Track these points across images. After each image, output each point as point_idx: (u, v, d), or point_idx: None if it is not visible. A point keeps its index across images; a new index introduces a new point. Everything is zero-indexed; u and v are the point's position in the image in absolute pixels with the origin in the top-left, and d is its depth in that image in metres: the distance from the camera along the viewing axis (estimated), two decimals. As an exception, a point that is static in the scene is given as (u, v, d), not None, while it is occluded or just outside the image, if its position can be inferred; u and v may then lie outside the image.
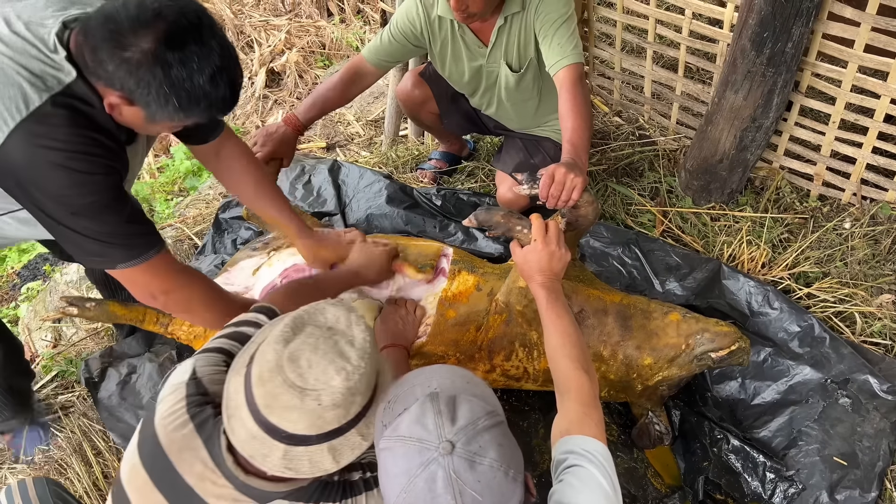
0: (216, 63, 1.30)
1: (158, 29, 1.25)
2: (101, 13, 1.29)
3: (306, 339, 1.10)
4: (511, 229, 1.81)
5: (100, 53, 1.28)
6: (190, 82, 1.29)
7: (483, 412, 1.08)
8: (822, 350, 2.16)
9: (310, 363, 1.08)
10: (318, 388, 1.06)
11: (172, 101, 1.30)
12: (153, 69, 1.26)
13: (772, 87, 2.33)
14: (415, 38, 2.26)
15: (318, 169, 2.83)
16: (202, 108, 1.34)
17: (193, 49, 1.27)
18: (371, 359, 1.13)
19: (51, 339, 3.05)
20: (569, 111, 1.93)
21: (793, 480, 1.98)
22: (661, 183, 2.80)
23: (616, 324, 1.99)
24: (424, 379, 1.16)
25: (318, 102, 2.28)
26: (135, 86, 1.28)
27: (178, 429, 1.21)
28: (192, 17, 1.28)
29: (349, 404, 1.09)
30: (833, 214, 2.63)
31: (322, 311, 1.16)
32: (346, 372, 1.08)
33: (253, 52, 5.59)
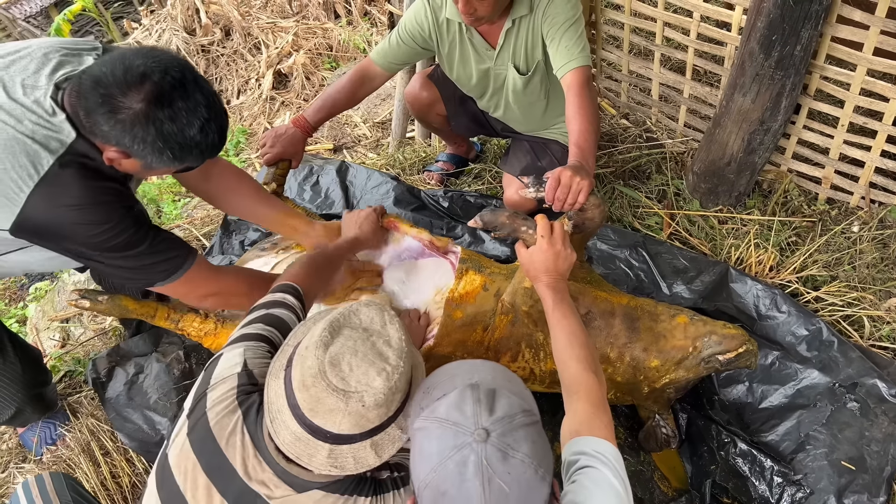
0: (203, 115, 1.40)
1: (146, 89, 1.34)
2: (91, 77, 1.37)
3: (345, 342, 1.15)
4: (516, 230, 1.81)
5: (94, 116, 1.37)
6: (181, 135, 1.39)
7: (520, 409, 1.09)
8: (830, 354, 2.15)
9: (351, 366, 1.13)
10: (361, 390, 1.12)
11: (167, 153, 1.40)
12: (146, 127, 1.36)
13: (780, 90, 2.32)
14: (423, 40, 2.26)
15: (325, 170, 2.84)
16: (195, 155, 1.45)
17: (180, 105, 1.37)
18: (408, 355, 1.18)
19: (59, 339, 3.07)
20: (575, 114, 1.93)
21: (800, 485, 1.98)
22: (669, 186, 2.80)
23: (623, 326, 1.99)
24: (466, 371, 1.18)
25: (327, 104, 2.29)
26: (130, 143, 1.38)
27: (228, 415, 1.26)
28: (176, 73, 1.37)
29: (390, 402, 1.15)
30: (841, 218, 2.63)
31: (357, 313, 1.20)
32: (386, 373, 1.14)
33: (260, 53, 5.61)
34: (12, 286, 3.99)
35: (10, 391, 2.05)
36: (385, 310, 1.22)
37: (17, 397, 2.08)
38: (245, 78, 5.60)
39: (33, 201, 1.40)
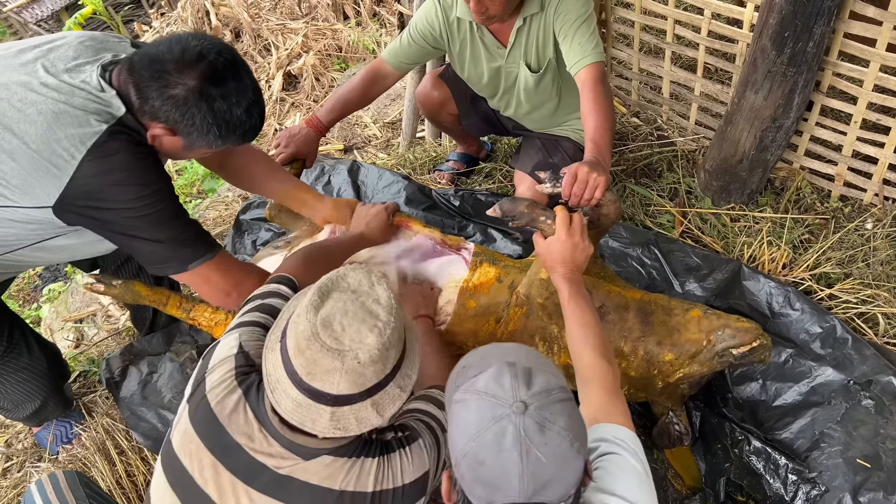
0: (250, 97, 1.49)
1: (202, 68, 1.42)
2: (146, 55, 1.45)
3: (335, 304, 1.17)
4: (535, 220, 1.82)
5: (146, 91, 1.45)
6: (230, 113, 1.47)
7: (557, 385, 1.10)
8: (844, 351, 2.14)
9: (343, 326, 1.14)
10: (355, 347, 1.13)
11: (214, 131, 1.48)
12: (199, 103, 1.44)
13: (792, 86, 2.32)
14: (434, 39, 2.27)
15: (337, 169, 2.85)
16: (237, 135, 1.53)
17: (232, 85, 1.45)
18: (398, 313, 1.19)
19: (73, 340, 3.09)
20: (591, 110, 1.93)
21: (815, 482, 1.97)
22: (680, 184, 2.79)
23: (637, 319, 1.98)
24: (501, 352, 1.18)
25: (339, 104, 2.31)
26: (180, 118, 1.45)
27: (229, 395, 1.28)
28: (228, 56, 1.46)
29: (385, 359, 1.16)
30: (855, 215, 2.61)
31: (344, 277, 1.22)
32: (378, 329, 1.15)
33: (270, 55, 5.63)
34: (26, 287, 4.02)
35: (38, 384, 2.13)
36: (371, 272, 1.24)
37: (42, 390, 2.15)
38: (255, 79, 5.60)
39: (83, 168, 1.44)
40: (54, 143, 1.43)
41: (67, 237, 1.66)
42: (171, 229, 1.56)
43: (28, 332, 2.09)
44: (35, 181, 1.45)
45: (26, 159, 1.44)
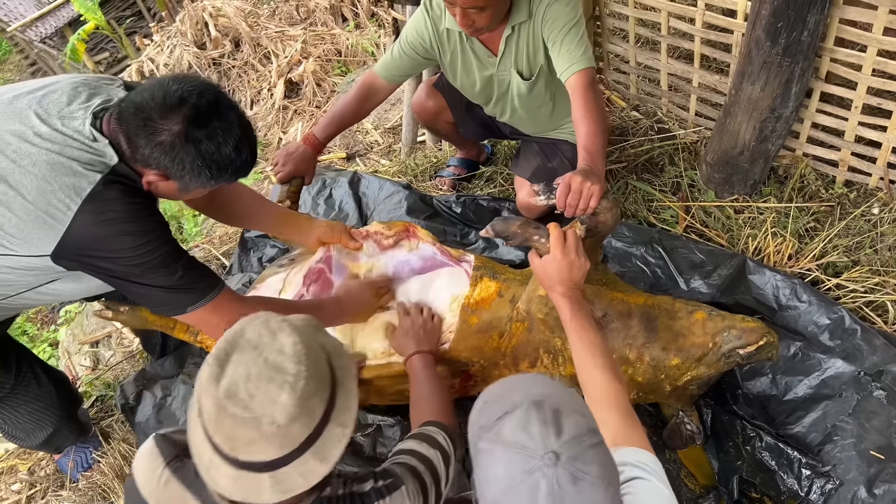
0: (237, 134, 1.48)
1: (184, 112, 1.43)
2: (131, 104, 1.46)
3: (236, 368, 1.08)
4: (528, 239, 1.81)
5: (135, 140, 1.46)
6: (218, 153, 1.47)
7: (587, 429, 1.06)
8: (853, 342, 2.12)
9: (249, 392, 1.06)
10: (269, 411, 1.05)
11: (205, 172, 1.49)
12: (186, 147, 1.44)
13: (789, 76, 2.29)
14: (424, 51, 2.27)
15: (338, 182, 2.86)
16: (230, 173, 1.53)
17: (217, 125, 1.45)
18: (310, 356, 1.11)
19: (89, 363, 3.14)
20: (582, 117, 1.92)
21: (829, 476, 1.96)
22: (683, 177, 2.78)
23: (641, 326, 1.98)
24: (524, 385, 1.14)
25: (335, 120, 2.32)
26: (170, 163, 1.46)
27: (165, 486, 1.23)
28: (210, 96, 1.46)
29: (309, 409, 1.09)
30: (861, 200, 2.58)
31: (242, 334, 1.13)
32: (288, 384, 1.07)
33: (270, 63, 5.65)
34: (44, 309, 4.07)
35: (48, 413, 2.16)
36: (271, 318, 1.15)
37: (53, 418, 2.19)
38: (257, 88, 5.64)
39: (79, 219, 1.46)
40: (50, 194, 1.45)
41: (67, 281, 1.69)
42: (169, 275, 1.57)
43: (35, 362, 2.13)
44: (32, 232, 1.47)
45: (23, 210, 1.46)
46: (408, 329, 1.97)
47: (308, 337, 1.15)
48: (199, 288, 1.63)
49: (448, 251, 2.17)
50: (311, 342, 1.15)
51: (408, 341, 1.93)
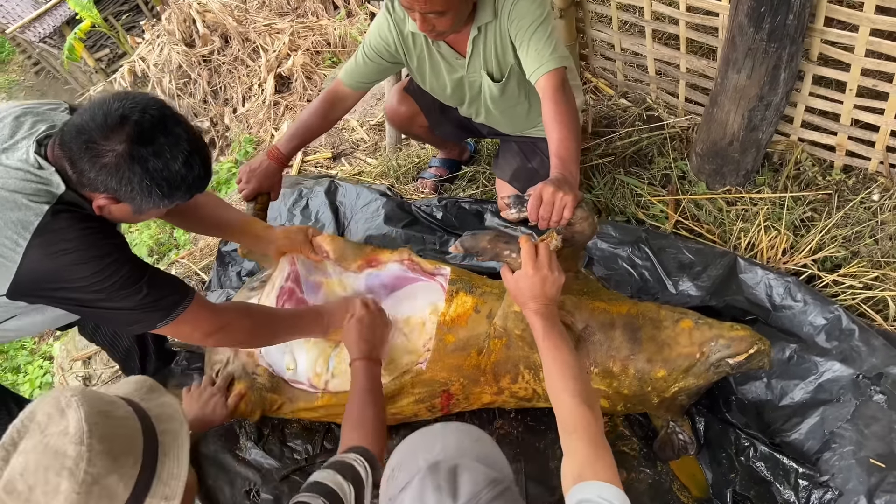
0: (186, 148, 1.42)
1: (127, 130, 1.36)
2: (73, 127, 1.39)
3: (17, 460, 1.01)
4: (499, 255, 1.73)
5: (79, 164, 1.39)
6: (167, 170, 1.40)
7: (485, 482, 1.02)
8: (851, 343, 2.01)
9: (28, 484, 0.99)
10: (51, 501, 0.98)
11: (156, 191, 1.42)
12: (132, 167, 1.37)
13: (776, 62, 2.16)
14: (390, 55, 2.16)
15: (315, 192, 2.77)
16: (183, 190, 1.46)
17: (163, 141, 1.39)
18: (97, 433, 1.03)
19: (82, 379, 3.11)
20: (553, 121, 1.81)
21: (828, 486, 1.86)
22: (672, 169, 2.66)
23: (624, 337, 1.89)
24: (429, 441, 1.12)
25: (300, 132, 2.23)
26: (118, 185, 1.39)
27: None
28: (154, 112, 1.39)
29: (101, 491, 1.01)
30: (859, 187, 2.46)
31: (32, 416, 1.06)
32: (67, 469, 0.99)
33: (259, 58, 5.54)
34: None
35: None
36: (62, 394, 1.06)
37: None
38: (248, 84, 5.55)
39: (30, 254, 1.41)
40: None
41: (29, 315, 1.64)
42: (133, 295, 1.52)
43: (8, 398, 2.08)
44: None
45: None
46: (359, 329, 1.90)
47: (105, 409, 1.06)
48: (166, 304, 1.58)
49: (420, 265, 2.09)
50: (113, 413, 1.07)
51: (356, 343, 1.86)
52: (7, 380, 3.78)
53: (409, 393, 1.99)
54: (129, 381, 1.22)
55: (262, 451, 2.18)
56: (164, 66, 5.76)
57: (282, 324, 1.89)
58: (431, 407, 2.04)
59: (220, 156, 5.50)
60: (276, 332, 1.88)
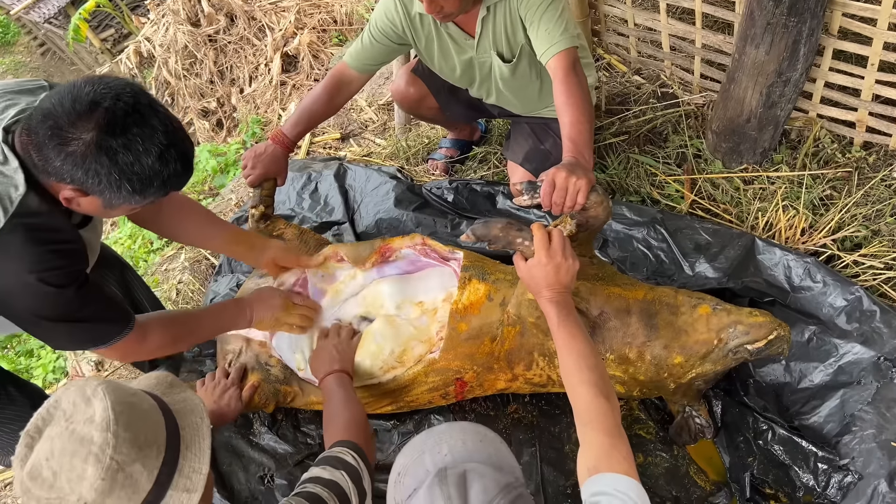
0: (161, 141, 1.31)
1: (97, 117, 1.25)
2: (40, 111, 1.29)
3: (42, 446, 1.01)
4: (511, 242, 1.69)
5: (45, 151, 1.29)
6: (139, 164, 1.30)
7: (497, 489, 1.00)
8: (872, 325, 1.97)
9: (53, 470, 0.99)
10: (76, 488, 0.98)
11: (125, 186, 1.31)
12: (99, 158, 1.27)
13: (796, 37, 2.10)
14: (397, 37, 2.11)
15: (324, 175, 2.74)
16: (156, 186, 1.35)
17: (135, 132, 1.28)
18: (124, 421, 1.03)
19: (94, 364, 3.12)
20: (564, 104, 1.77)
21: (848, 470, 1.84)
22: (688, 147, 2.60)
23: (641, 323, 1.86)
24: (434, 443, 1.09)
25: (305, 117, 2.18)
26: (84, 177, 1.29)
27: None
28: (128, 99, 1.28)
29: (125, 479, 1.01)
30: (880, 164, 2.40)
31: (57, 405, 1.06)
32: (94, 455, 1.00)
33: (266, 37, 5.48)
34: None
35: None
36: (88, 384, 1.07)
37: None
38: (255, 64, 5.49)
39: None
40: None
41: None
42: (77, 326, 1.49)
43: (7, 382, 2.05)
44: None
45: None
46: (321, 350, 1.94)
47: (130, 399, 1.07)
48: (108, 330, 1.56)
49: (434, 249, 2.06)
50: (138, 404, 1.07)
51: (322, 363, 1.89)
52: (21, 364, 3.79)
53: (423, 382, 1.97)
54: (149, 376, 1.21)
55: (276, 437, 2.18)
56: (170, 46, 5.71)
57: (200, 325, 1.85)
58: (445, 394, 2.03)
59: (227, 137, 5.47)
60: (198, 335, 1.86)
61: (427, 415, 2.16)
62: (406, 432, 2.16)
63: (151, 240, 3.73)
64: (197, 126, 5.66)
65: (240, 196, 3.44)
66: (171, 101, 5.92)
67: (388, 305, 2.01)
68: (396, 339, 1.96)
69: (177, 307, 2.72)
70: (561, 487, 1.99)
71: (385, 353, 1.96)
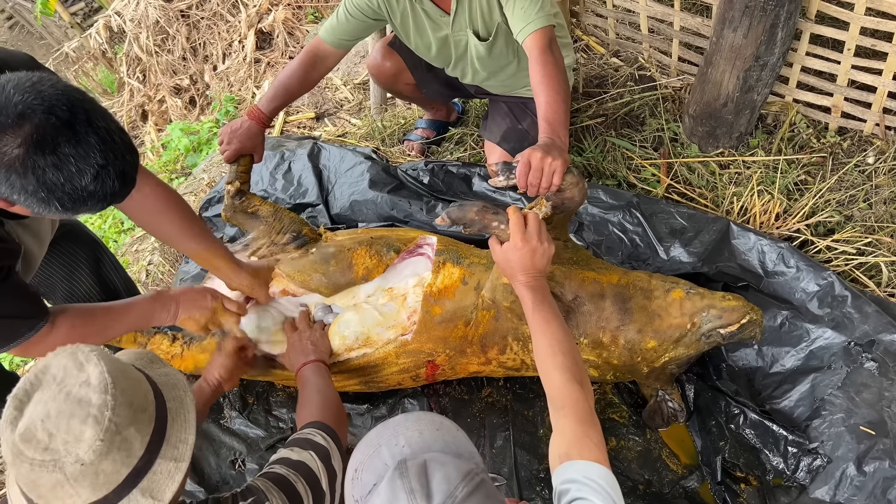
0: (97, 161, 1.18)
1: (24, 132, 1.12)
2: None
3: (35, 408, 0.99)
4: (487, 226, 1.68)
5: None
6: (69, 185, 1.18)
7: (459, 477, 0.98)
8: (843, 310, 1.99)
9: (49, 432, 0.97)
10: (72, 449, 0.96)
11: (54, 204, 1.20)
12: (25, 176, 1.15)
13: (774, 21, 2.09)
14: (372, 12, 2.07)
15: (297, 155, 2.69)
16: (90, 205, 1.24)
17: (67, 151, 1.15)
18: (120, 385, 1.02)
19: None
20: (540, 83, 1.74)
21: (817, 453, 1.86)
22: (664, 131, 2.59)
23: (615, 308, 1.85)
24: (390, 435, 1.07)
25: (280, 92, 2.13)
26: (9, 191, 1.18)
27: None
28: (62, 113, 1.14)
29: (122, 442, 1.00)
30: (855, 149, 2.41)
31: (46, 369, 1.04)
32: (93, 417, 0.98)
33: (239, 13, 5.37)
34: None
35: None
36: (79, 350, 1.05)
37: None
38: (228, 41, 5.38)
39: None
40: None
41: None
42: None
43: None
44: None
45: None
46: (295, 344, 1.92)
47: (121, 367, 1.05)
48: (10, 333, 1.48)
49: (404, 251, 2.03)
50: (128, 372, 1.06)
51: (297, 355, 1.87)
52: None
53: (394, 363, 1.95)
54: (128, 352, 1.17)
55: (247, 421, 2.15)
56: (141, 21, 5.57)
57: (118, 321, 1.74)
58: (416, 377, 2.01)
59: (200, 115, 5.36)
60: (111, 334, 1.75)
61: (401, 399, 2.14)
62: (380, 416, 2.15)
63: (122, 219, 3.66)
64: (169, 104, 5.55)
65: (212, 176, 3.37)
66: (142, 77, 5.79)
67: (359, 296, 1.99)
68: (361, 324, 1.94)
69: (146, 289, 2.67)
70: (534, 471, 1.98)
71: (350, 340, 1.95)
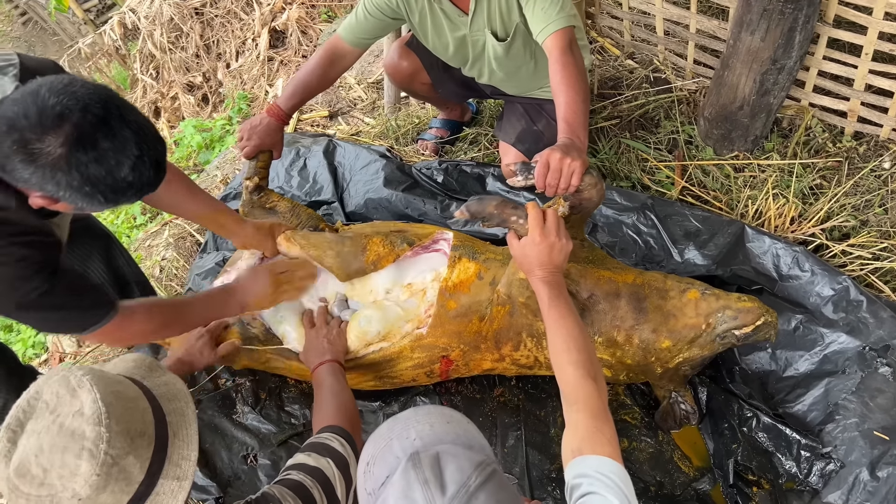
0: (134, 153, 1.26)
1: (65, 132, 1.20)
2: (4, 119, 1.22)
3: (28, 440, 0.98)
4: (506, 220, 1.68)
5: (10, 164, 1.23)
6: (111, 177, 1.26)
7: (472, 467, 0.98)
8: (858, 315, 1.98)
9: (43, 467, 0.96)
10: (68, 484, 0.96)
11: (98, 197, 1.28)
12: (69, 173, 1.23)
13: (792, 24, 2.09)
14: (391, 11, 2.08)
15: (312, 151, 2.70)
16: (129, 195, 1.33)
17: (106, 145, 1.24)
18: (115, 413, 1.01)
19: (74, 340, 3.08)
20: (560, 84, 1.74)
21: (830, 458, 1.86)
22: (679, 133, 2.59)
23: (630, 307, 1.86)
24: (401, 429, 1.07)
25: (299, 89, 2.15)
26: (55, 189, 1.25)
27: None
28: (97, 110, 1.22)
29: (119, 473, 1.00)
30: (871, 154, 2.40)
31: (38, 395, 1.03)
32: (87, 450, 0.97)
33: (253, 11, 5.39)
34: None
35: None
36: (72, 374, 1.04)
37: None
38: (241, 39, 5.41)
39: None
40: None
41: None
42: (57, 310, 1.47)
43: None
44: None
45: None
46: (312, 341, 1.92)
47: (116, 390, 1.04)
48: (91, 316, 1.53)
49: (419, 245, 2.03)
50: (124, 394, 1.05)
51: (314, 354, 1.88)
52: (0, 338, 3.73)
53: (409, 357, 1.96)
54: (125, 359, 1.18)
55: (260, 416, 2.16)
56: (155, 18, 5.60)
57: (190, 312, 1.80)
58: (430, 372, 2.01)
59: (213, 112, 5.39)
60: (186, 322, 1.82)
61: (413, 396, 2.15)
62: (391, 413, 2.15)
63: (134, 215, 3.68)
64: (182, 101, 5.58)
65: (225, 173, 3.39)
66: (156, 74, 5.82)
67: (379, 291, 1.99)
68: (384, 321, 1.95)
69: (160, 284, 2.68)
70: (546, 471, 1.99)
71: (371, 335, 1.95)
